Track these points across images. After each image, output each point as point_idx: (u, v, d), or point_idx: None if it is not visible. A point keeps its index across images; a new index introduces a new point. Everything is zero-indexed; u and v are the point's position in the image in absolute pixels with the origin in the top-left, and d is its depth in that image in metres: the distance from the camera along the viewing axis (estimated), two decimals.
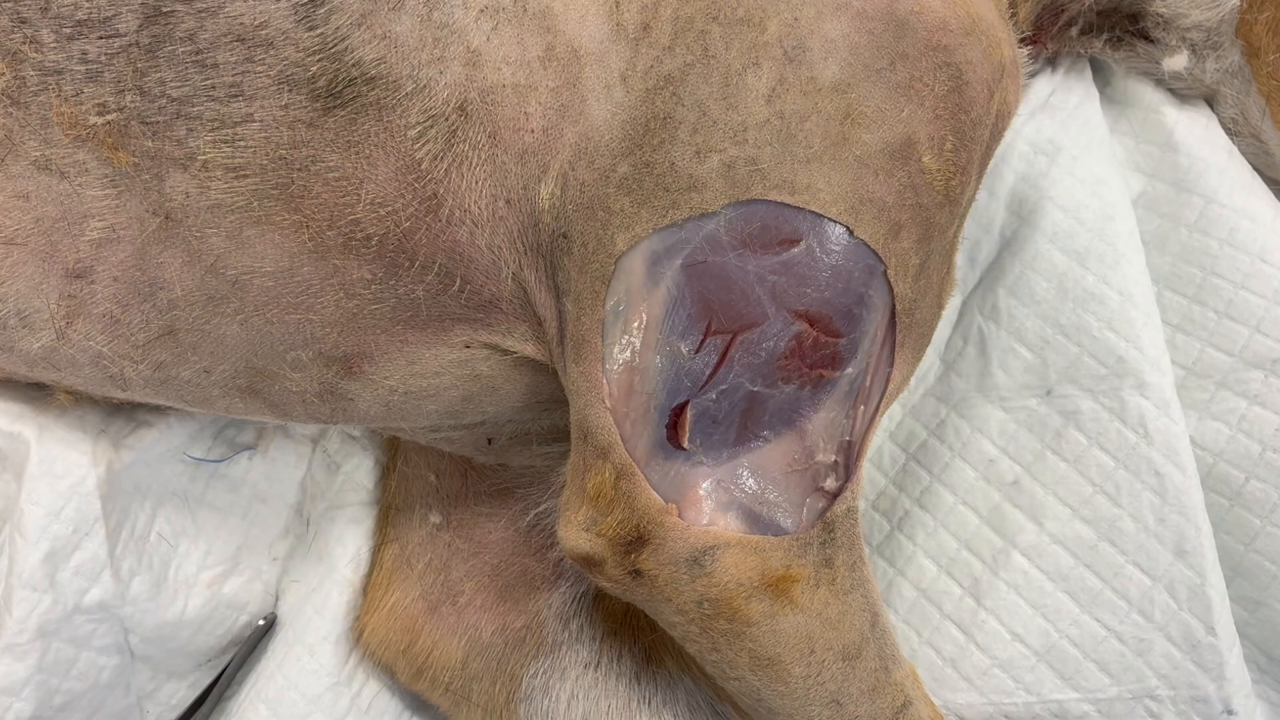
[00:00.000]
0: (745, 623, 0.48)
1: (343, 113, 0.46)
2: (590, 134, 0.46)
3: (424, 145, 0.47)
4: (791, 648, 0.49)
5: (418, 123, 0.47)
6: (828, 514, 0.48)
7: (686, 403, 0.47)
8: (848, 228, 0.45)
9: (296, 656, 0.68)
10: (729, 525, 0.47)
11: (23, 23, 0.45)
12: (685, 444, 0.47)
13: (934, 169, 0.47)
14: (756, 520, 0.47)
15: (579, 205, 0.47)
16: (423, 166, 0.47)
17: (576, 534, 0.49)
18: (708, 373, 0.47)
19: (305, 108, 0.46)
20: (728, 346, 0.46)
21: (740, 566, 0.47)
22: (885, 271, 0.47)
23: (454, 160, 0.47)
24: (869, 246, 0.46)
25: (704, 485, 0.47)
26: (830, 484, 0.48)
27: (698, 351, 0.46)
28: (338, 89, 0.46)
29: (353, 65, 0.46)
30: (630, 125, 0.46)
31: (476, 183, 0.48)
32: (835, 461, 0.48)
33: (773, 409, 0.47)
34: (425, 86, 0.46)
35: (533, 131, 0.47)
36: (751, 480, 0.47)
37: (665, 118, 0.45)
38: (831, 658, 0.49)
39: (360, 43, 0.46)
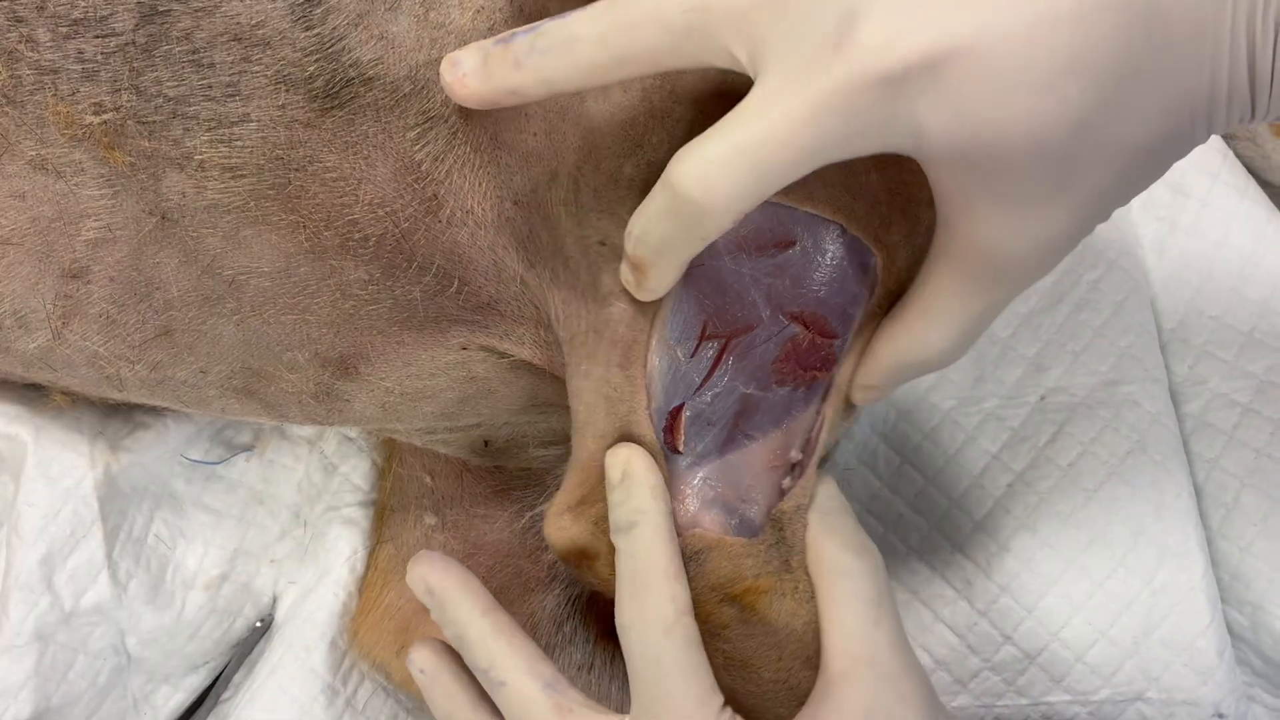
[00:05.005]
0: (719, 625, 0.48)
1: (340, 113, 0.46)
2: (591, 135, 0.46)
3: (424, 146, 0.47)
4: (760, 654, 0.48)
5: (417, 124, 0.46)
6: (774, 510, 0.48)
7: (682, 405, 0.47)
8: (841, 226, 0.45)
9: (293, 659, 0.68)
10: (712, 526, 0.47)
11: (19, 21, 0.44)
12: (681, 447, 0.47)
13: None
14: (737, 521, 0.47)
15: (585, 207, 0.47)
16: (423, 168, 0.47)
17: (558, 520, 0.49)
18: (702, 376, 0.47)
19: (302, 108, 0.46)
20: (722, 350, 0.46)
21: (717, 572, 0.47)
22: (878, 267, 0.47)
23: (455, 161, 0.47)
24: (863, 243, 0.46)
25: (692, 485, 0.47)
26: (787, 483, 0.48)
27: (693, 355, 0.46)
28: (335, 89, 0.46)
29: (350, 66, 0.45)
30: (630, 126, 0.46)
31: (480, 184, 0.48)
32: (801, 459, 0.48)
33: (764, 410, 0.47)
34: (424, 88, 0.46)
35: (535, 134, 0.46)
36: (736, 480, 0.47)
37: (664, 117, 0.45)
38: (798, 665, 0.49)
39: (357, 43, 0.45)
